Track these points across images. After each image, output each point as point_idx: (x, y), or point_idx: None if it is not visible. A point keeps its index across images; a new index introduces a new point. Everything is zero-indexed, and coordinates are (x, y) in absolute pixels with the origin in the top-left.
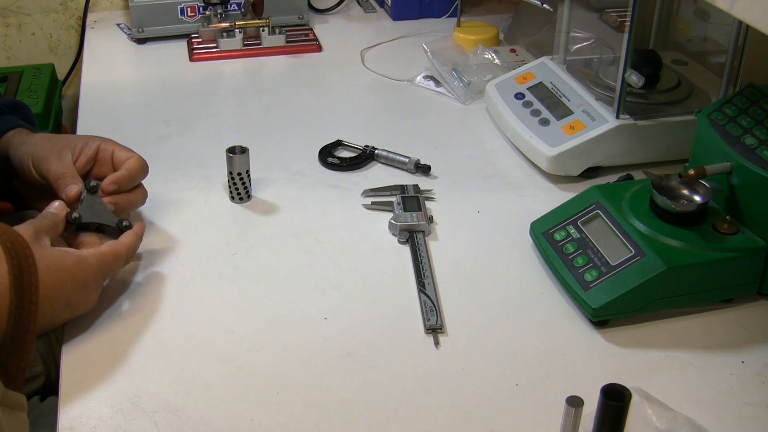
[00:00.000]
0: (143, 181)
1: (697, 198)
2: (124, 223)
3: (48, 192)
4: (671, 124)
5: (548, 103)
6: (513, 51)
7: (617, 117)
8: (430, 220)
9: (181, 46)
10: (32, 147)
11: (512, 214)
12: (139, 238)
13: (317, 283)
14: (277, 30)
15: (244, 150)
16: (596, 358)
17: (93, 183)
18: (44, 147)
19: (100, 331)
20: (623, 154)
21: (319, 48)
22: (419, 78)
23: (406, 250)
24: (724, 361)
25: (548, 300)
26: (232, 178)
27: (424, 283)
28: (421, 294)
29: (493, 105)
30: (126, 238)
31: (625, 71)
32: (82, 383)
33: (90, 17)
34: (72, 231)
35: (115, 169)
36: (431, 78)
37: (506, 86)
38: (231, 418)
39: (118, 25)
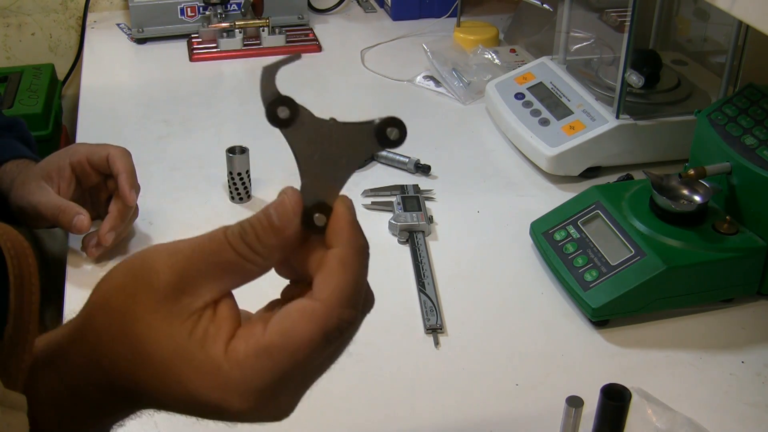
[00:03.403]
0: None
1: (697, 198)
2: None
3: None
4: (671, 124)
5: (548, 103)
6: (513, 51)
7: (617, 117)
8: (430, 220)
9: (181, 46)
10: (17, 200)
11: (512, 214)
12: None
13: None
14: (277, 30)
15: (244, 150)
16: (596, 358)
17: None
18: (25, 194)
19: None
20: (623, 154)
21: (319, 48)
22: (419, 78)
23: (406, 250)
24: (724, 361)
25: (548, 300)
26: (232, 178)
27: (424, 283)
28: (421, 294)
29: (493, 105)
30: None
31: (625, 71)
32: None
33: (90, 17)
34: None
35: (98, 170)
36: (431, 78)
37: (506, 86)
38: None
39: (118, 25)
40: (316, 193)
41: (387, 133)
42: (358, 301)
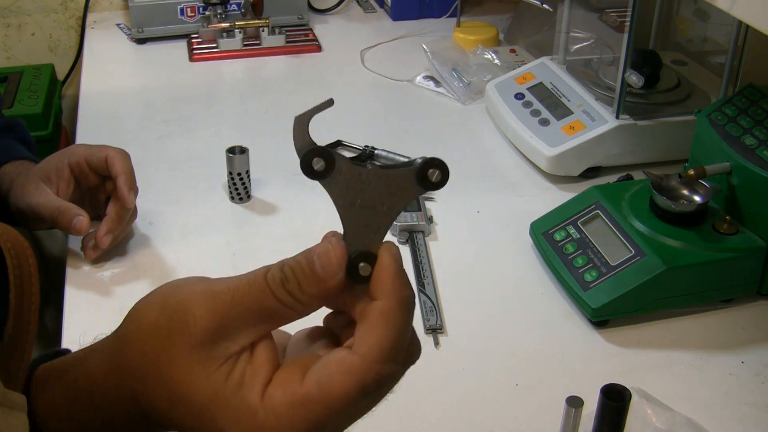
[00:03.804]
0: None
1: (697, 198)
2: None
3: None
4: (671, 124)
5: (548, 103)
6: (513, 51)
7: (617, 117)
8: (430, 220)
9: (181, 46)
10: (15, 201)
11: (512, 214)
12: None
13: None
14: (276, 30)
15: (244, 150)
16: (596, 358)
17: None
18: (23, 196)
19: (99, 331)
20: (623, 154)
21: (318, 48)
22: (419, 78)
23: (406, 250)
24: (724, 361)
25: (548, 300)
26: (232, 178)
27: (424, 283)
28: (421, 294)
29: (493, 105)
30: None
31: (625, 71)
32: None
33: (90, 17)
34: None
35: (97, 171)
36: (431, 78)
37: (506, 86)
38: None
39: (118, 25)
40: (360, 242)
41: (428, 176)
42: (399, 355)
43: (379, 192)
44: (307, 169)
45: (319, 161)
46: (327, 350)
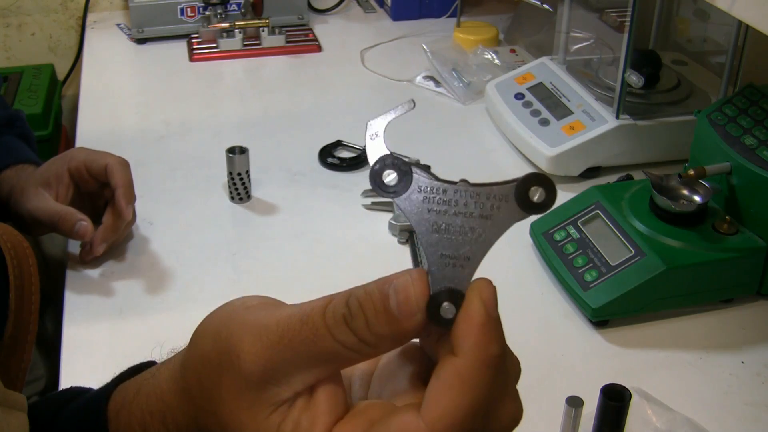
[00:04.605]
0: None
1: (696, 198)
2: None
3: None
4: (671, 124)
5: (548, 103)
6: (513, 51)
7: (617, 117)
8: None
9: (181, 46)
10: (15, 207)
11: None
12: None
13: (317, 283)
14: (276, 30)
15: (243, 150)
16: (596, 358)
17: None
18: (23, 201)
19: (99, 331)
20: (623, 154)
21: (318, 48)
22: (419, 78)
23: (406, 250)
24: (724, 361)
25: (548, 300)
26: (232, 178)
27: None
28: None
29: (493, 105)
30: None
31: (625, 71)
32: (82, 384)
33: (90, 17)
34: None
35: (96, 178)
36: (431, 78)
37: (506, 86)
38: None
39: (118, 25)
40: (445, 277)
41: (530, 195)
42: (477, 425)
43: (469, 214)
44: (377, 183)
45: (391, 173)
46: (410, 388)
